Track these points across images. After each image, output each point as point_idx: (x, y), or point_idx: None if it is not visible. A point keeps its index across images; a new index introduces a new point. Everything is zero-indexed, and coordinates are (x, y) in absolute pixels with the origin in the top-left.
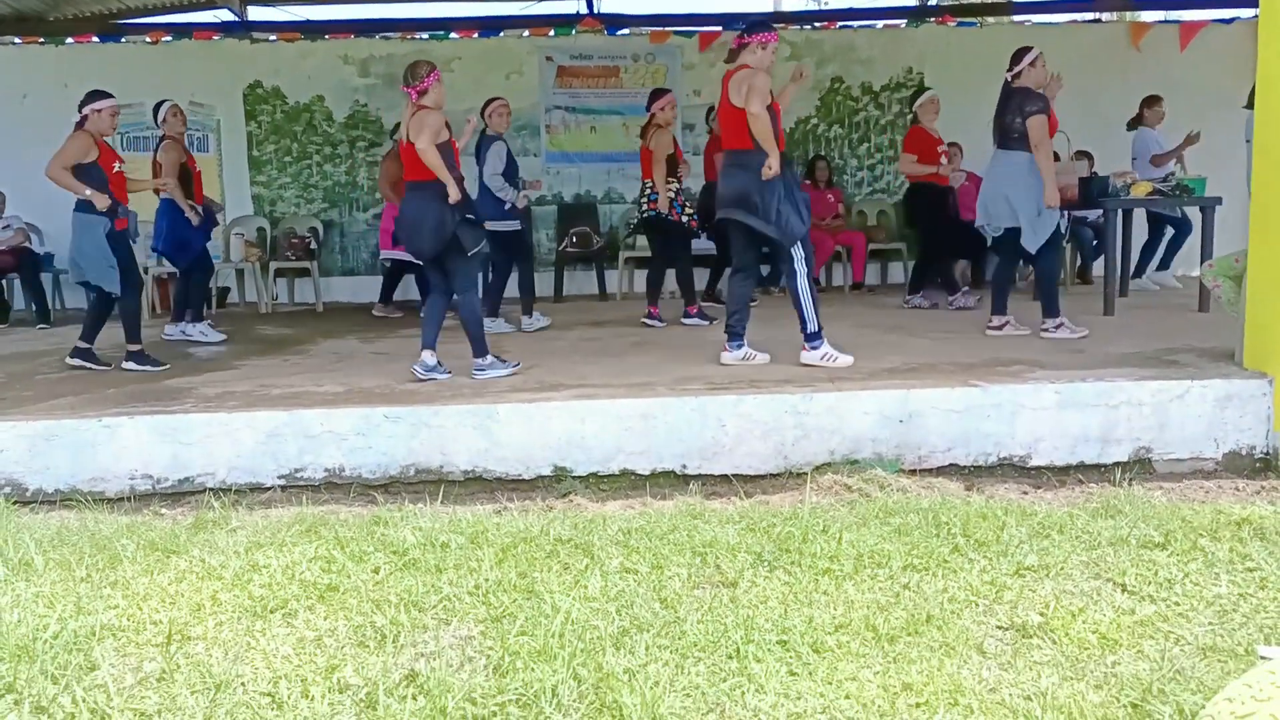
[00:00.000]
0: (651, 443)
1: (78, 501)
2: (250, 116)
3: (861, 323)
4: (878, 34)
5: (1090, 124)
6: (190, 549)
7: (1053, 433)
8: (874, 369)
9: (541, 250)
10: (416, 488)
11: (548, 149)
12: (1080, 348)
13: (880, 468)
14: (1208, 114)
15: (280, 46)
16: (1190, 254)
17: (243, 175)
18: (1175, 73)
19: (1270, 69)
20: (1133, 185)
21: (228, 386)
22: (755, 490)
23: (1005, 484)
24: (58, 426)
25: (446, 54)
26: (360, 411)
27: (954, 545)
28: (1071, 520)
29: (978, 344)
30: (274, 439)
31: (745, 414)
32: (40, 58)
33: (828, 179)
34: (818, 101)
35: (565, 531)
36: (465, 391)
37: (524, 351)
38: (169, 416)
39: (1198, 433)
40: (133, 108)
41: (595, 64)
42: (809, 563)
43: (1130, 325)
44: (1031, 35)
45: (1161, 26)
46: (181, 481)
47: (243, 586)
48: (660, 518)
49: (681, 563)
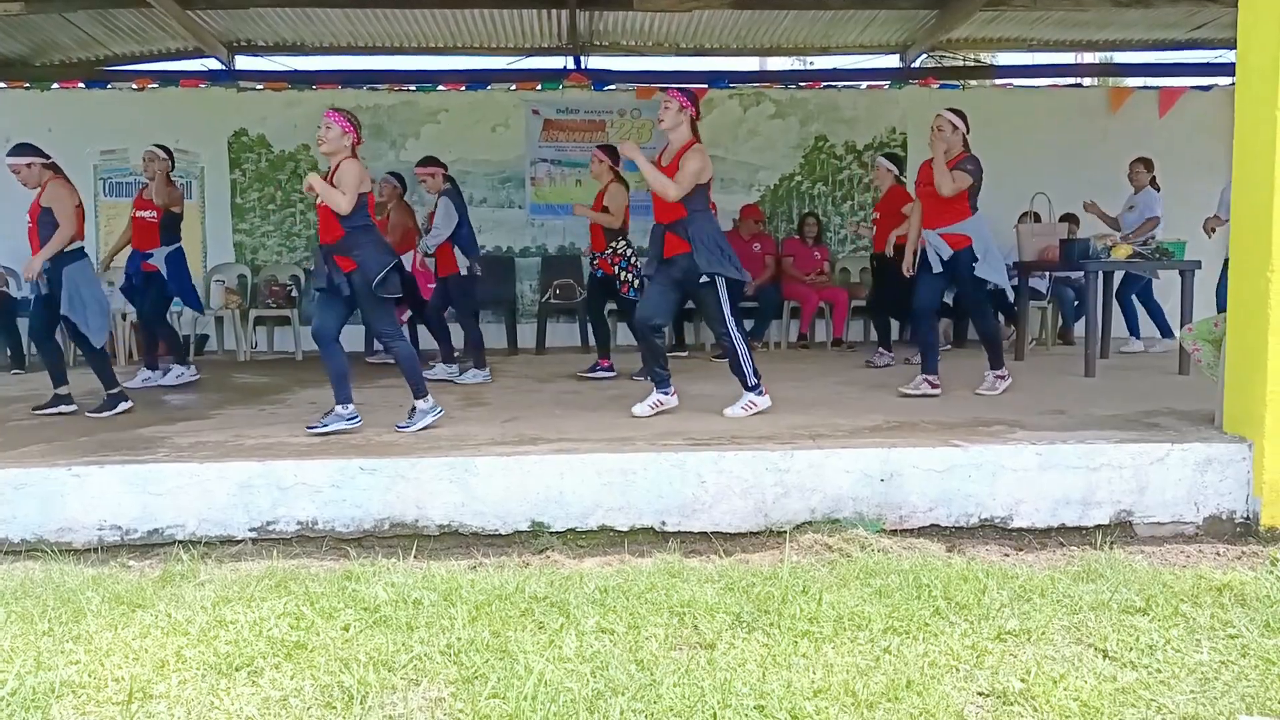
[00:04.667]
0: (631, 499)
1: (44, 552)
2: (234, 164)
3: (843, 380)
4: (861, 94)
5: (1072, 186)
6: (156, 603)
7: (1034, 494)
8: (855, 426)
9: (525, 301)
10: (390, 542)
11: (532, 201)
12: (1061, 408)
13: (861, 527)
14: (1187, 179)
15: (267, 95)
16: (1170, 318)
17: (225, 222)
18: (1155, 138)
19: (1247, 136)
20: (1113, 248)
21: (201, 436)
22: (735, 548)
23: (987, 545)
24: (26, 475)
25: (433, 105)
26: (336, 463)
27: (935, 608)
28: (1053, 584)
29: (959, 403)
30: (246, 490)
31: (725, 470)
32: (25, 102)
33: (816, 235)
34: (802, 159)
35: (541, 589)
36: (443, 444)
37: (506, 403)
38: (140, 466)
39: (1178, 496)
40: (116, 153)
41: (581, 118)
42: (788, 624)
43: (1111, 387)
44: (1013, 98)
45: (1141, 92)
46: (151, 533)
47: (208, 643)
48: (638, 576)
49: (659, 623)
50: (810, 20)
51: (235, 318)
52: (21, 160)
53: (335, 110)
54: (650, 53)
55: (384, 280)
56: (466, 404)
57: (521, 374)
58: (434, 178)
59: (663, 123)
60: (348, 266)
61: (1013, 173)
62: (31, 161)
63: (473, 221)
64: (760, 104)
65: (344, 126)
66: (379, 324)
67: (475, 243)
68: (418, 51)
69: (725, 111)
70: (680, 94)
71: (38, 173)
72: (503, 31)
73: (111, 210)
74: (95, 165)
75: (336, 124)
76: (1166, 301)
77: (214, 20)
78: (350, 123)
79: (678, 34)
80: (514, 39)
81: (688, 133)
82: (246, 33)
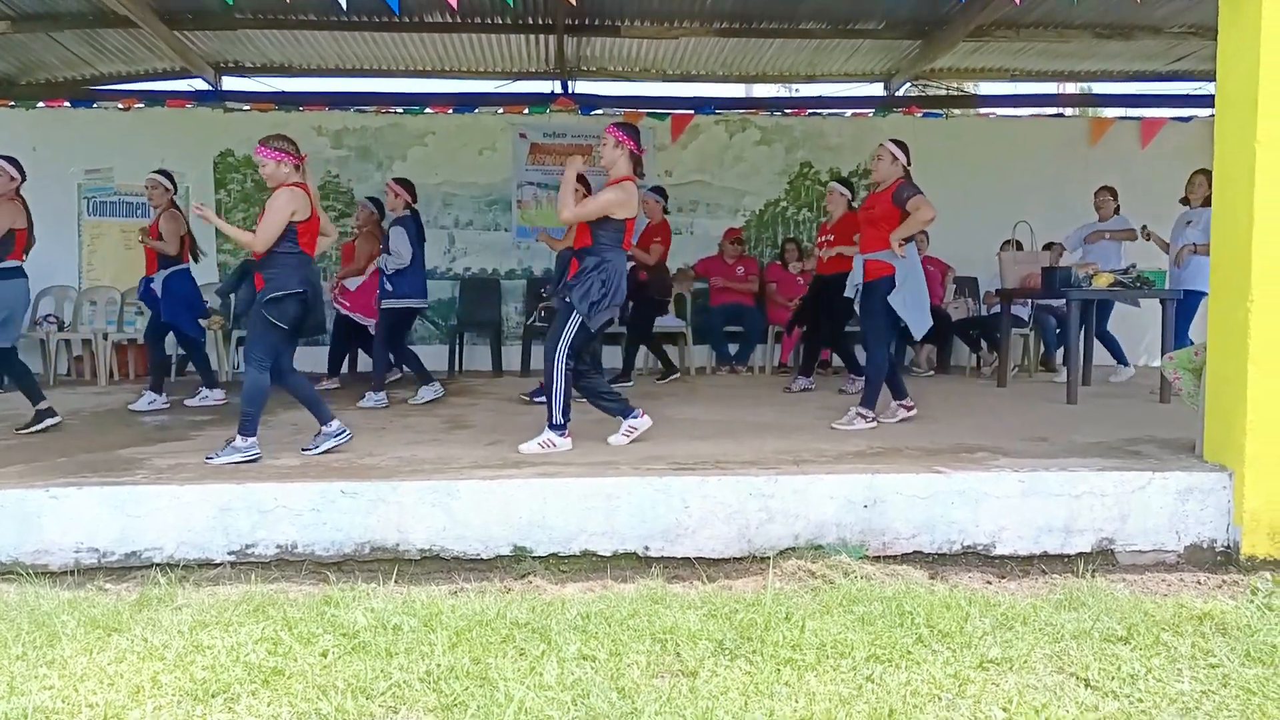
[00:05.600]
0: (614, 523)
1: (19, 574)
2: (220, 184)
3: (827, 405)
4: (846, 122)
5: (1054, 215)
6: (133, 627)
7: (1017, 521)
8: (839, 452)
9: (510, 324)
10: (371, 566)
11: (518, 224)
12: (1044, 435)
13: (845, 553)
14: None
15: (253, 116)
16: (1151, 346)
17: (209, 243)
18: (1135, 168)
19: (1227, 167)
20: (1094, 276)
21: (181, 458)
22: (718, 574)
23: (969, 573)
24: (3, 496)
25: (420, 128)
26: (317, 486)
27: (917, 636)
28: (1035, 612)
29: (941, 429)
30: (226, 513)
31: (709, 495)
32: (9, 120)
33: (799, 260)
34: (786, 185)
35: (522, 615)
36: (426, 467)
37: (489, 426)
38: (118, 488)
39: (1159, 525)
40: (100, 172)
41: (568, 142)
42: (771, 652)
43: (1092, 414)
44: (996, 127)
45: (1122, 123)
46: (128, 556)
47: (185, 668)
48: (621, 601)
49: (641, 650)
50: (795, 49)
51: (218, 338)
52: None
53: (263, 145)
54: (637, 78)
55: (277, 302)
56: (450, 427)
57: (506, 396)
58: (395, 197)
59: (603, 159)
60: (259, 285)
61: (995, 201)
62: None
63: (459, 242)
64: (746, 130)
65: (277, 157)
66: (251, 344)
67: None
68: (406, 74)
69: (711, 138)
70: (617, 130)
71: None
72: (491, 56)
73: (95, 229)
74: (80, 184)
75: (270, 159)
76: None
77: (201, 41)
78: (280, 150)
79: (664, 60)
80: (502, 63)
81: (624, 168)
82: (234, 54)
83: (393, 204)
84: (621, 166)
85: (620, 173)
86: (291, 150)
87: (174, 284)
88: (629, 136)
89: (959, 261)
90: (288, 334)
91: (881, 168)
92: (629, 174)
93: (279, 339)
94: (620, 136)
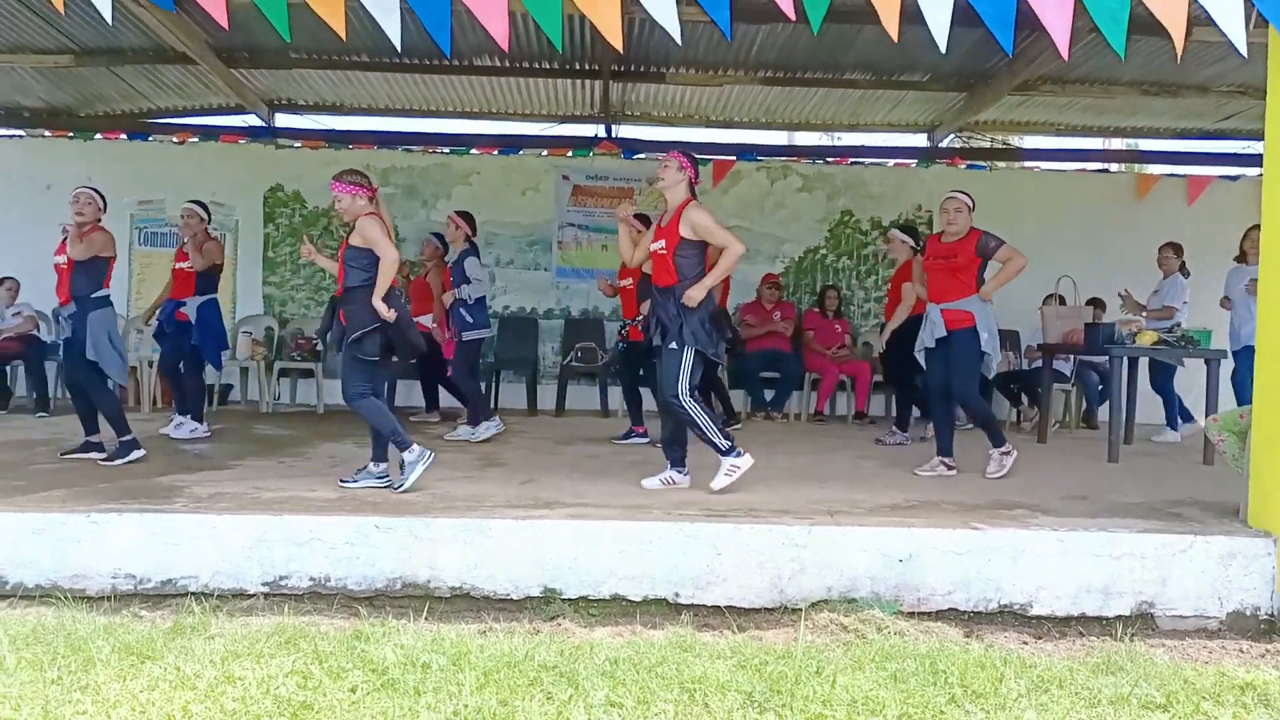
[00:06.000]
0: (645, 568)
1: (57, 598)
2: (269, 218)
3: (863, 454)
4: (888, 172)
5: (1097, 270)
6: (166, 655)
7: (1054, 581)
8: (875, 504)
9: (546, 363)
10: (402, 602)
11: (558, 264)
12: (1084, 494)
13: (878, 608)
14: (1213, 267)
15: (304, 153)
16: (1195, 407)
17: (256, 275)
18: (1182, 225)
19: (1275, 227)
20: (1138, 334)
21: (220, 487)
22: (749, 624)
23: (1005, 632)
24: (45, 520)
25: (465, 168)
26: (352, 520)
27: (951, 695)
28: (1072, 675)
29: (979, 485)
30: (261, 544)
31: (742, 544)
32: (67, 151)
33: (836, 308)
34: (827, 233)
35: (551, 658)
36: (459, 504)
37: (523, 465)
38: (157, 515)
39: (1201, 590)
40: (153, 204)
41: (610, 184)
42: (801, 706)
43: (1134, 474)
44: (1040, 181)
45: (1168, 179)
46: (164, 583)
47: (215, 699)
48: (650, 648)
49: (669, 699)
50: (839, 98)
51: (260, 369)
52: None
53: (338, 180)
54: (680, 124)
55: (359, 340)
56: (484, 465)
57: (540, 435)
58: (455, 228)
59: (661, 181)
60: (343, 319)
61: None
62: (93, 200)
63: (499, 280)
64: (787, 177)
65: (352, 191)
66: (346, 380)
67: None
68: (453, 115)
69: (752, 184)
70: (681, 154)
71: (93, 214)
72: (537, 99)
73: (146, 259)
74: (132, 214)
75: (345, 193)
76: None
77: (256, 79)
78: (354, 184)
79: (707, 107)
80: (548, 106)
81: (685, 192)
82: (287, 92)
83: (452, 235)
84: (682, 191)
85: (683, 195)
86: (364, 183)
87: (207, 313)
88: (692, 164)
89: (1000, 315)
90: (376, 365)
91: (960, 219)
92: (690, 197)
93: (370, 370)
94: (685, 162)
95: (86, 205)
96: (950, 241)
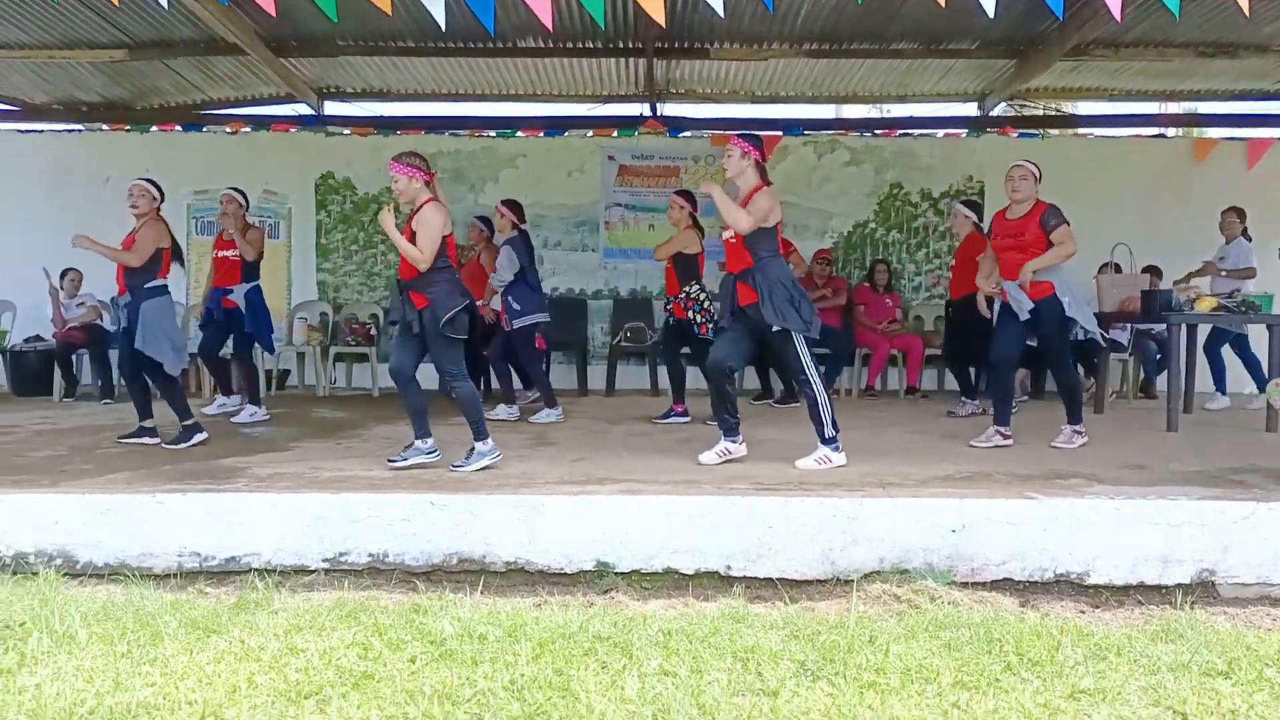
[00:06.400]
0: (696, 542)
1: (125, 576)
2: (320, 206)
3: (915, 429)
4: (938, 142)
5: (1154, 237)
6: (231, 629)
7: (1112, 550)
8: (926, 476)
9: (595, 344)
10: (458, 577)
11: (606, 245)
12: (1142, 463)
13: (931, 579)
14: (1273, 230)
15: (354, 140)
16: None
17: (310, 262)
18: (1241, 189)
19: None
20: (1196, 300)
21: (280, 467)
22: (801, 595)
23: (1061, 601)
24: (112, 501)
25: (511, 151)
26: (408, 498)
27: (1006, 664)
28: (1130, 643)
29: (1034, 455)
30: (320, 522)
31: (793, 517)
32: (125, 143)
33: (886, 283)
34: (876, 206)
35: (605, 629)
36: (512, 482)
37: (574, 444)
38: (220, 495)
39: (1264, 557)
40: (209, 193)
41: (656, 164)
42: (854, 674)
43: (1194, 442)
44: (1094, 148)
45: (1227, 143)
46: (228, 560)
47: (279, 670)
48: (702, 619)
49: (722, 668)
50: (886, 69)
51: (316, 354)
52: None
53: (396, 161)
54: (725, 100)
55: (452, 320)
56: (536, 443)
57: (591, 415)
58: (501, 218)
59: (728, 171)
60: (420, 303)
61: (1093, 223)
62: (146, 191)
63: (547, 263)
64: (835, 151)
65: (409, 173)
66: (444, 362)
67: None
68: (499, 98)
69: (800, 159)
70: (742, 140)
71: (146, 206)
72: (582, 80)
73: (203, 248)
74: (189, 205)
75: (402, 174)
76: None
77: (305, 68)
78: (413, 166)
79: (753, 82)
80: (592, 87)
81: (755, 178)
82: (336, 80)
83: (500, 225)
84: (751, 176)
85: (752, 182)
86: (422, 166)
87: (256, 298)
88: (754, 146)
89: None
90: (463, 345)
91: (1025, 187)
92: (760, 182)
93: (461, 351)
94: (746, 147)
95: (140, 197)
96: (1016, 219)
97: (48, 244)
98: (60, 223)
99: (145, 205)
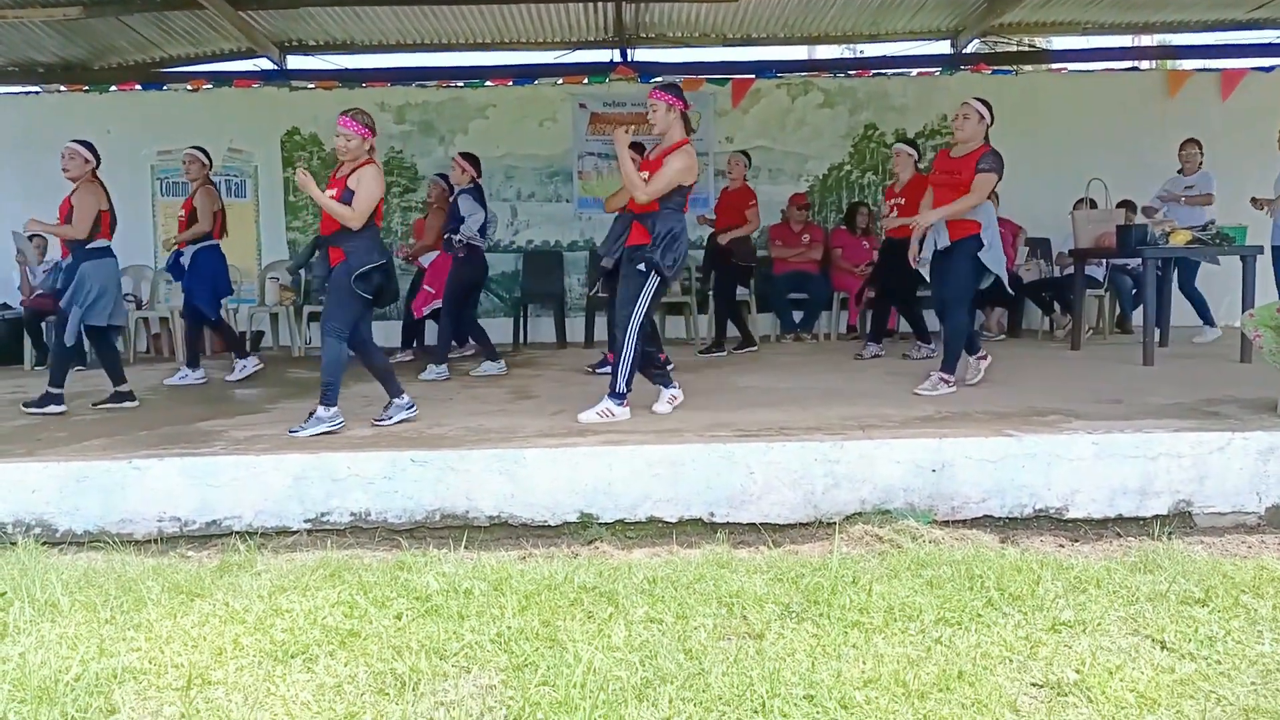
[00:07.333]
0: (679, 490)
1: (105, 543)
2: (288, 163)
3: (893, 370)
4: (912, 82)
5: (1129, 172)
6: (214, 592)
7: (1090, 484)
8: (906, 417)
9: (573, 296)
10: (441, 533)
11: (580, 195)
12: (1118, 397)
13: (912, 518)
14: (1247, 162)
15: (318, 94)
16: (1232, 306)
17: (279, 220)
18: (1215, 121)
19: None
20: (1171, 234)
21: (258, 430)
22: (784, 539)
23: (1041, 536)
24: (89, 468)
25: (481, 101)
26: (387, 455)
27: (987, 599)
28: (1109, 575)
29: (1013, 393)
30: (301, 482)
31: (774, 462)
32: (84, 105)
33: (865, 226)
34: (851, 148)
35: (590, 579)
36: (493, 436)
37: (555, 396)
38: (198, 459)
39: (1239, 486)
40: (173, 153)
41: (628, 111)
42: (838, 615)
43: (1170, 375)
44: (1068, 83)
45: (1200, 74)
46: (209, 524)
47: (265, 631)
48: (687, 566)
49: (707, 613)
50: (858, 7)
51: (290, 314)
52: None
53: (349, 117)
54: (697, 44)
55: (365, 276)
56: (515, 397)
57: (570, 366)
58: (461, 171)
59: (655, 126)
60: (336, 258)
61: (1068, 159)
62: (77, 154)
63: (521, 214)
64: (808, 93)
65: (362, 132)
66: (333, 315)
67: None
68: (465, 48)
69: (773, 101)
70: (664, 92)
71: (78, 169)
72: (549, 25)
73: (169, 209)
74: (152, 165)
75: (356, 132)
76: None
77: (265, 20)
78: (365, 125)
79: (724, 24)
80: (560, 33)
81: (679, 132)
82: (297, 32)
83: (458, 178)
84: (676, 131)
85: (675, 137)
86: (371, 126)
87: (202, 259)
88: (677, 97)
89: (1030, 222)
90: (368, 305)
91: (968, 126)
92: (684, 136)
93: (359, 310)
94: (669, 99)
95: (71, 160)
96: (958, 157)
97: (14, 211)
98: (24, 189)
99: (77, 168)
